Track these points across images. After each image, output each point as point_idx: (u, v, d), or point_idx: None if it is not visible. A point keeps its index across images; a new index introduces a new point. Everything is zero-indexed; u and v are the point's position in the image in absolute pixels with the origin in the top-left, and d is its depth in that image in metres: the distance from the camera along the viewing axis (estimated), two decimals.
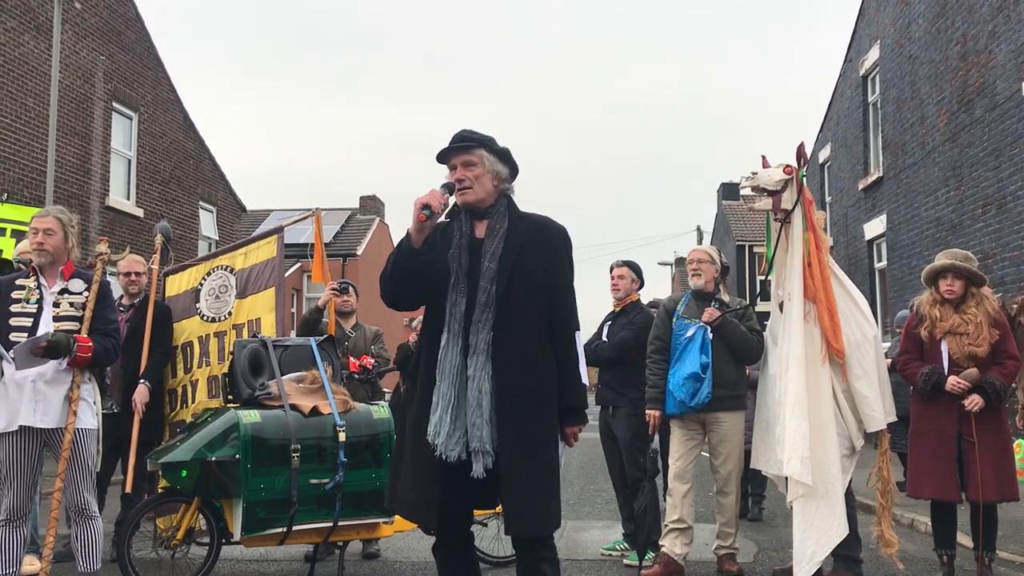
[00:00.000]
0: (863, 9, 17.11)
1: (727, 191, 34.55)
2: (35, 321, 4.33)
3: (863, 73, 16.94)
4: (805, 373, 4.85)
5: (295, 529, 4.89)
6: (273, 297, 6.13)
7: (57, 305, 4.40)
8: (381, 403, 5.55)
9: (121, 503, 5.95)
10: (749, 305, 5.84)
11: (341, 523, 5.02)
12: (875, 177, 16.05)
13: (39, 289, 4.41)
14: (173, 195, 17.50)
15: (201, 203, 18.75)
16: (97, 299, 4.48)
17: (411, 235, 3.21)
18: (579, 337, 3.46)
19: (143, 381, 5.82)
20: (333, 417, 5.03)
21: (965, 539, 5.75)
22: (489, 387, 3.20)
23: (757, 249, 29.45)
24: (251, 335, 5.78)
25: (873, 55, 16.36)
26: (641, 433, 5.80)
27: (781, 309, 5.15)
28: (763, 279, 6.96)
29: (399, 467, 3.37)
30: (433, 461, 3.19)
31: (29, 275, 4.45)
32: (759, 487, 7.96)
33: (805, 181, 5.15)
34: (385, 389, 7.56)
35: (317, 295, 7.93)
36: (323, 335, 5.93)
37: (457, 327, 3.24)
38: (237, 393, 5.18)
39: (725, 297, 5.85)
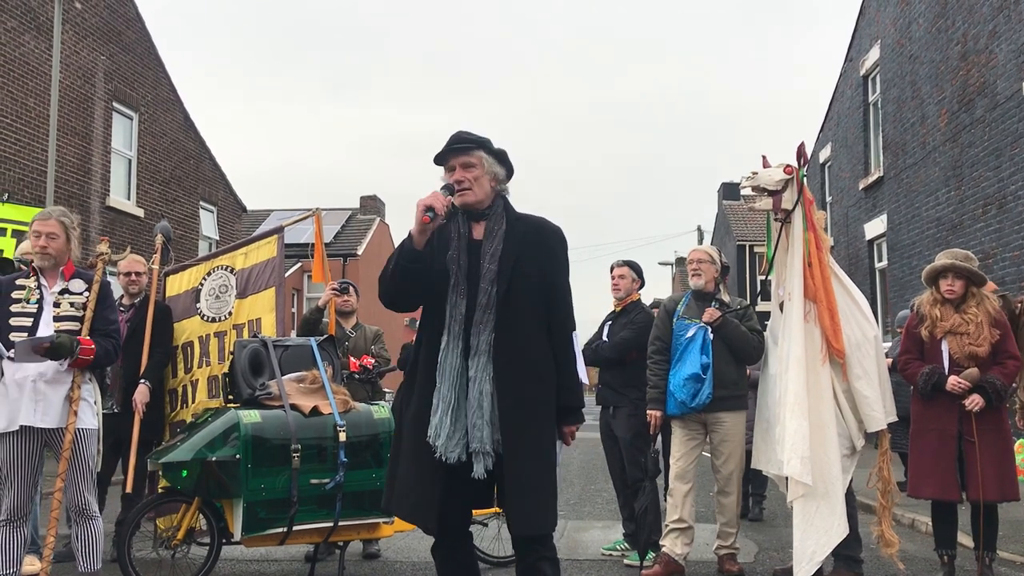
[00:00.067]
0: (863, 9, 17.11)
1: (727, 191, 34.53)
2: (35, 321, 4.32)
3: (864, 73, 16.94)
4: (805, 373, 4.85)
5: (295, 529, 4.89)
6: (273, 297, 6.14)
7: (57, 305, 4.39)
8: (381, 403, 5.55)
9: (121, 503, 5.95)
10: (749, 305, 5.84)
11: (341, 523, 5.02)
12: (875, 177, 16.05)
13: (39, 289, 4.40)
14: (173, 195, 17.50)
15: (201, 203, 18.76)
16: (98, 299, 4.47)
17: (413, 237, 3.20)
18: (576, 337, 3.46)
19: (143, 381, 5.82)
20: (333, 417, 5.03)
21: (966, 539, 5.75)
22: (490, 388, 3.20)
23: (757, 249, 29.43)
24: (251, 335, 5.78)
25: (874, 55, 16.35)
26: (642, 433, 5.80)
27: (781, 309, 5.14)
28: (763, 279, 6.95)
29: (396, 468, 3.37)
30: (433, 462, 3.18)
31: (29, 275, 4.45)
32: (760, 487, 7.96)
33: (805, 181, 5.15)
34: (386, 389, 7.56)
35: (317, 295, 7.94)
36: (323, 335, 5.94)
37: (457, 329, 3.24)
38: (237, 393, 5.18)
39: (725, 297, 5.85)
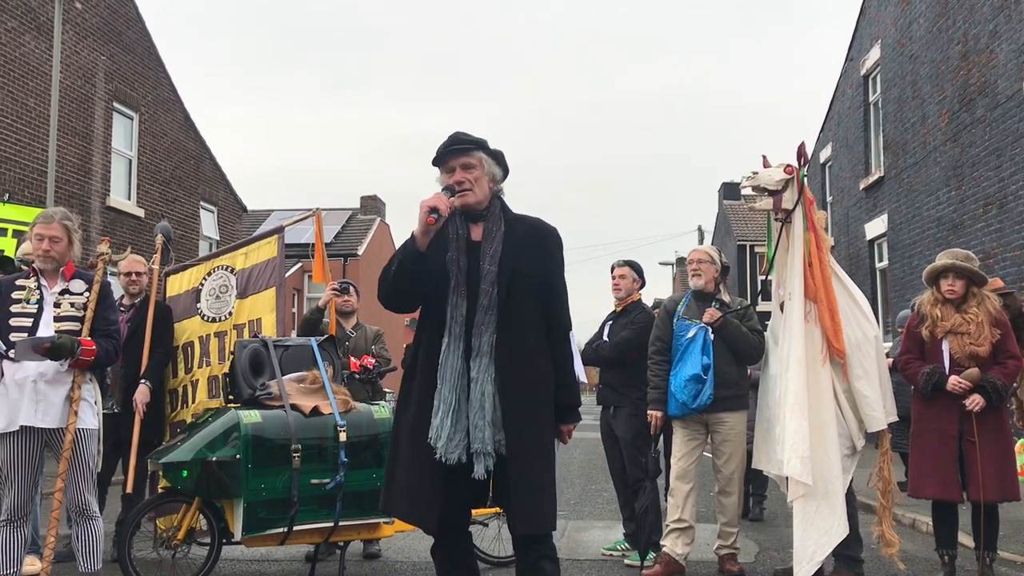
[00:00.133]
0: (864, 9, 17.10)
1: (728, 191, 34.53)
2: (35, 321, 4.32)
3: (864, 73, 16.93)
4: (806, 373, 4.85)
5: (296, 529, 4.89)
6: (274, 297, 6.14)
7: (58, 305, 4.39)
8: (382, 403, 5.55)
9: (122, 503, 5.95)
10: (750, 305, 5.84)
11: (342, 523, 5.02)
12: (876, 177, 16.04)
13: (39, 289, 4.40)
14: (174, 195, 17.50)
15: (202, 203, 18.76)
16: (98, 300, 4.47)
17: (416, 238, 3.20)
18: (572, 336, 3.48)
19: (144, 381, 5.82)
20: (334, 417, 5.03)
21: (966, 539, 5.75)
22: (492, 389, 3.20)
23: (758, 249, 29.43)
24: (252, 335, 5.78)
25: (874, 55, 16.35)
26: (642, 433, 5.80)
27: (782, 309, 5.14)
28: (764, 279, 6.95)
29: (395, 469, 3.36)
30: (433, 463, 3.18)
31: (30, 275, 4.45)
32: (760, 487, 7.96)
33: (806, 181, 5.15)
34: (387, 389, 7.55)
35: (318, 295, 7.93)
36: (324, 335, 5.94)
37: (458, 330, 3.23)
38: (238, 393, 5.18)
39: (726, 297, 5.84)
